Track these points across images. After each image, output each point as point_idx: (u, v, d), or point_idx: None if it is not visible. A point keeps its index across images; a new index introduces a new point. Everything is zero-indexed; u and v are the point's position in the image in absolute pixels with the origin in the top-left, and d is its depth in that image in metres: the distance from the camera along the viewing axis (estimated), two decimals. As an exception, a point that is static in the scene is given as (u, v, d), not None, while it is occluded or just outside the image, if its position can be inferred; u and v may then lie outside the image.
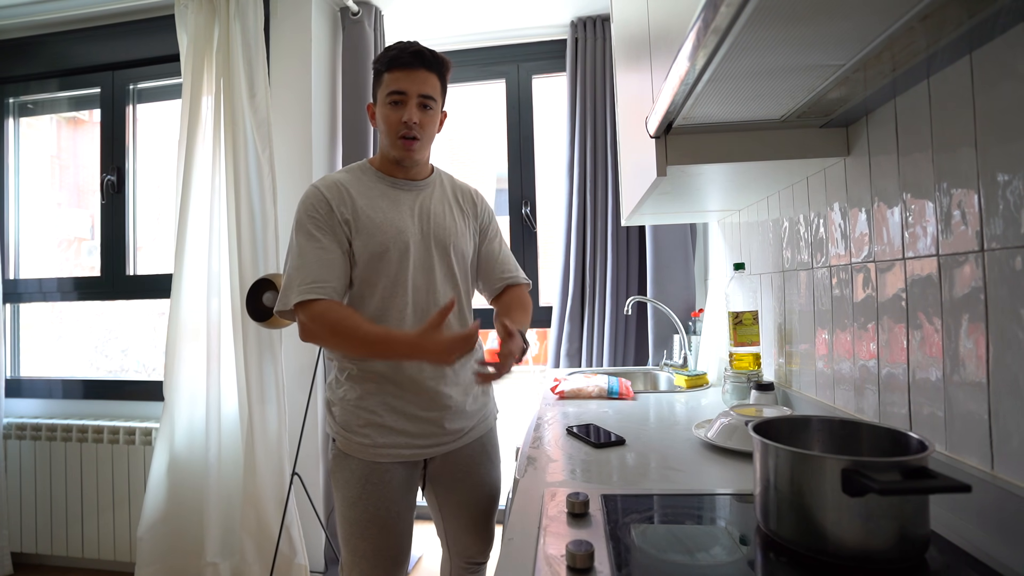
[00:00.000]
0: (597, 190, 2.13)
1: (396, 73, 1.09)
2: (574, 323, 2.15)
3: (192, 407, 1.97)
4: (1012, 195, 0.58)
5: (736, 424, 1.01)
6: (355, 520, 1.09)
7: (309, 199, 1.11)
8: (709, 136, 0.90)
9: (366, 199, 1.12)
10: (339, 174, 1.17)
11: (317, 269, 1.05)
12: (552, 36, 2.32)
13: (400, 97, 1.09)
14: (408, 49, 1.10)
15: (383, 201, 1.13)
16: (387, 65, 1.10)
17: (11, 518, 2.21)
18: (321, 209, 1.09)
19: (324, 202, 1.10)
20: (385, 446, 1.09)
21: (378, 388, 1.10)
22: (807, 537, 0.58)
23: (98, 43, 2.26)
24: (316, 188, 1.12)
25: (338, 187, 1.12)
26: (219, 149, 1.97)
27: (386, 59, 1.11)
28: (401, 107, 1.10)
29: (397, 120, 1.10)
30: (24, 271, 2.48)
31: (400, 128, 1.10)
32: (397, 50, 1.10)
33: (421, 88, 1.10)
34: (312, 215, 1.09)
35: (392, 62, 1.10)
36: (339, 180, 1.14)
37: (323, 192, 1.11)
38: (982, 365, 0.63)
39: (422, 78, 1.10)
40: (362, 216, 1.09)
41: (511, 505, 0.82)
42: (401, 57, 1.09)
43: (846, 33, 0.56)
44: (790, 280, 1.22)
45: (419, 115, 1.11)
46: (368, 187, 1.14)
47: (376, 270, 1.09)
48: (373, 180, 1.16)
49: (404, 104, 1.10)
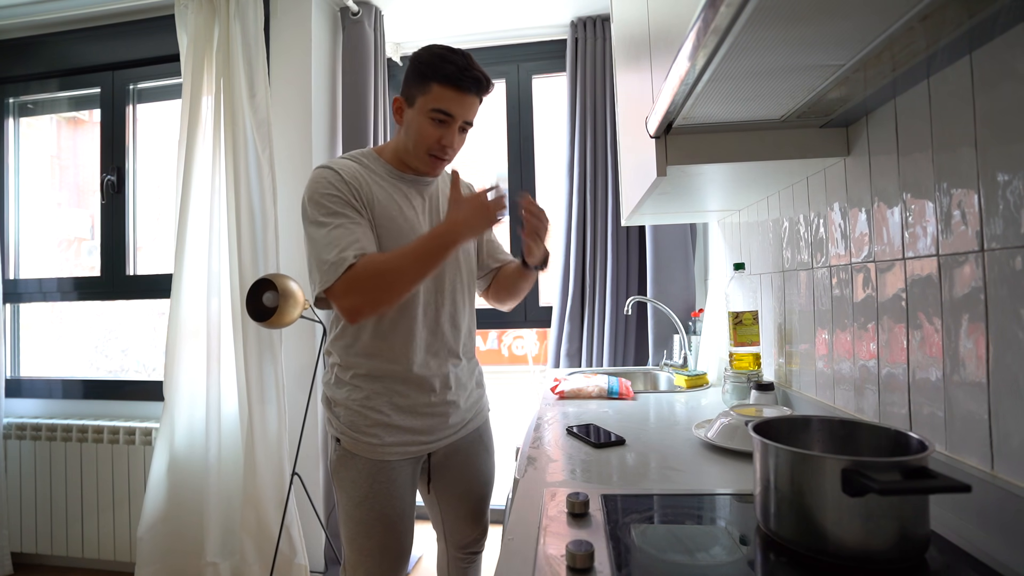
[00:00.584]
0: (597, 190, 2.13)
1: (449, 91, 1.02)
2: (574, 323, 2.15)
3: (192, 407, 1.97)
4: (1012, 195, 0.58)
5: (736, 424, 1.01)
6: (361, 519, 1.08)
7: (324, 178, 1.03)
8: (709, 136, 0.90)
9: (381, 191, 1.08)
10: (348, 160, 1.10)
11: (347, 239, 0.98)
12: (552, 36, 2.32)
13: (445, 118, 1.04)
14: (469, 71, 1.02)
15: (397, 196, 1.10)
16: (442, 79, 1.02)
17: (11, 518, 2.21)
18: (340, 187, 1.02)
19: (342, 181, 1.03)
20: (393, 444, 1.09)
21: (385, 388, 1.09)
22: (807, 537, 0.58)
23: (98, 43, 2.26)
24: (330, 168, 1.05)
25: (353, 172, 1.06)
26: (219, 149, 1.97)
27: (442, 72, 1.01)
28: (443, 127, 1.05)
29: (435, 139, 1.06)
30: (24, 271, 2.48)
31: (435, 148, 1.07)
32: (456, 67, 1.01)
33: (467, 115, 1.06)
34: (331, 192, 1.02)
35: (448, 80, 1.01)
36: (352, 166, 1.08)
37: (340, 172, 1.04)
38: (982, 365, 0.63)
39: (471, 104, 1.06)
40: (378, 208, 1.06)
41: (511, 505, 0.82)
42: (461, 79, 1.01)
43: (846, 33, 0.56)
44: (790, 280, 1.22)
45: (458, 140, 1.09)
46: (381, 179, 1.10)
47: None
48: (384, 173, 1.12)
49: (447, 125, 1.05)
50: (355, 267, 0.95)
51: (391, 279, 0.96)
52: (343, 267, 0.95)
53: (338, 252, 0.96)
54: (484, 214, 1.02)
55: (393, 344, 1.09)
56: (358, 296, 0.96)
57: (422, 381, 1.11)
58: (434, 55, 1.03)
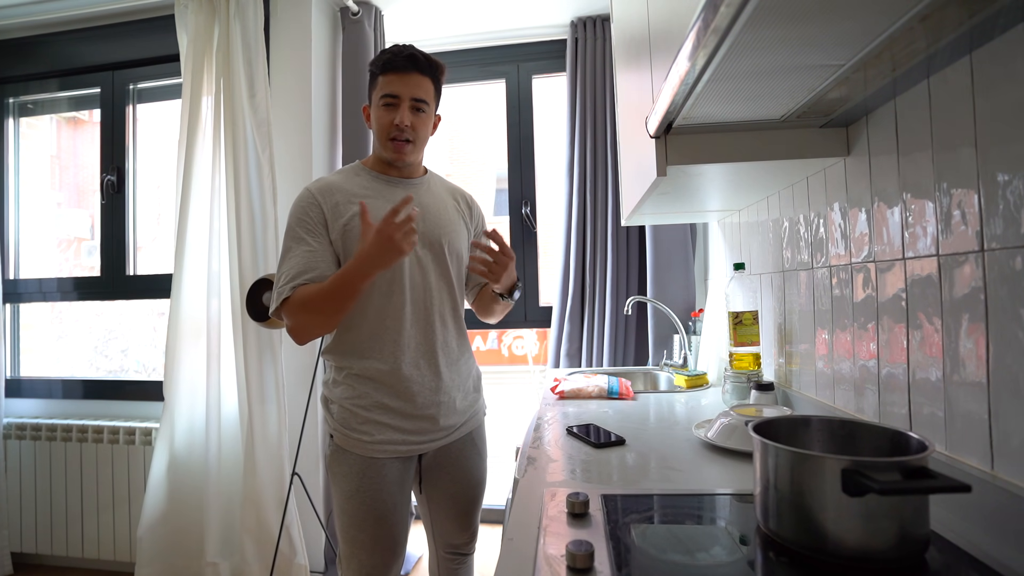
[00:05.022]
0: (597, 190, 2.13)
1: (390, 76, 1.11)
2: (574, 323, 2.15)
3: (192, 407, 1.97)
4: (1012, 195, 0.58)
5: (736, 424, 1.01)
6: (353, 512, 1.11)
7: (299, 202, 1.13)
8: (709, 136, 0.90)
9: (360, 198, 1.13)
10: (332, 176, 1.18)
11: (300, 267, 1.07)
12: (552, 36, 2.32)
13: (393, 100, 1.12)
14: (402, 53, 1.11)
15: (378, 200, 1.14)
16: (381, 68, 1.12)
17: (11, 518, 2.21)
18: (312, 212, 1.11)
19: (315, 204, 1.12)
20: (382, 442, 1.11)
21: (376, 388, 1.11)
22: (807, 537, 0.58)
23: (98, 43, 2.26)
24: (307, 191, 1.14)
25: (330, 189, 1.14)
26: (219, 149, 1.97)
27: (380, 62, 1.13)
28: (393, 110, 1.12)
29: (389, 122, 1.12)
30: (24, 271, 2.48)
31: (391, 130, 1.12)
32: (391, 54, 1.12)
33: (414, 92, 1.12)
34: (301, 217, 1.11)
35: (386, 65, 1.12)
36: (332, 182, 1.16)
37: (314, 194, 1.13)
38: (982, 365, 0.63)
39: (415, 82, 1.11)
40: (354, 218, 1.10)
41: (511, 505, 0.82)
42: (395, 61, 1.11)
43: (846, 33, 0.56)
44: (790, 280, 1.22)
45: (411, 118, 1.12)
46: (363, 187, 1.16)
47: None
48: (367, 180, 1.17)
49: (397, 107, 1.12)
50: (291, 299, 1.06)
51: (313, 313, 1.05)
52: (282, 297, 1.06)
53: (285, 281, 1.07)
54: (389, 245, 0.98)
55: (383, 345, 1.12)
56: (291, 323, 1.07)
57: (411, 382, 1.12)
58: (378, 55, 1.15)
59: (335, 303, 1.03)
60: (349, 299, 1.03)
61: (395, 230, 0.98)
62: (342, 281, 1.02)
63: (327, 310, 1.04)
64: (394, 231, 0.98)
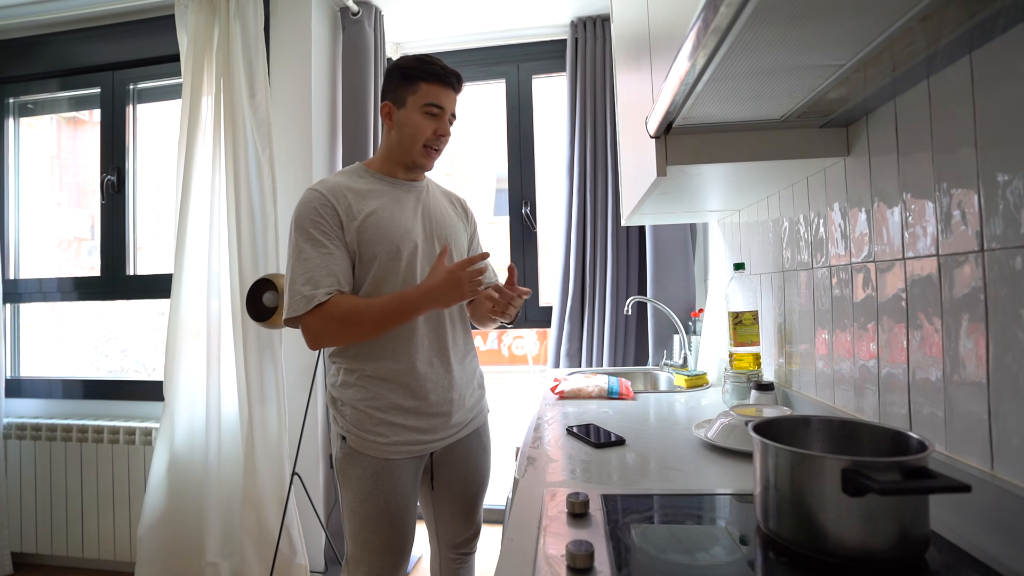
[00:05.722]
0: (597, 190, 2.13)
1: (437, 88, 1.14)
2: (574, 323, 2.15)
3: (192, 407, 1.97)
4: (1012, 195, 0.58)
5: (736, 424, 1.01)
6: (366, 515, 1.10)
7: (311, 202, 1.10)
8: (709, 136, 0.90)
9: (372, 202, 1.13)
10: (337, 177, 1.17)
11: (322, 272, 1.05)
12: (552, 36, 2.32)
13: (438, 111, 1.15)
14: (451, 71, 1.16)
15: (387, 201, 1.14)
16: (429, 77, 1.13)
17: (11, 518, 2.21)
18: (325, 212, 1.09)
19: (328, 205, 1.09)
20: (398, 443, 1.11)
21: (391, 389, 1.11)
22: (807, 537, 0.58)
23: (98, 43, 2.26)
24: (317, 192, 1.11)
25: (340, 190, 1.12)
26: (219, 149, 1.97)
27: (428, 71, 1.13)
28: (436, 120, 1.15)
29: (431, 130, 1.14)
30: (24, 271, 2.48)
31: (432, 139, 1.15)
32: (439, 67, 1.14)
33: (454, 108, 1.18)
34: (315, 219, 1.08)
35: (435, 76, 1.13)
36: (340, 183, 1.14)
37: (326, 195, 1.10)
38: (982, 365, 0.63)
39: (455, 99, 1.18)
40: (369, 219, 1.10)
41: (511, 505, 0.82)
42: (445, 75, 1.14)
43: (846, 33, 0.56)
44: (790, 280, 1.22)
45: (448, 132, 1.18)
46: (369, 189, 1.15)
47: (387, 270, 1.10)
48: (373, 182, 1.17)
49: (440, 118, 1.15)
50: (325, 305, 1.04)
51: (354, 326, 1.05)
52: (313, 303, 1.03)
53: (312, 288, 1.04)
54: (457, 289, 1.03)
55: (397, 345, 1.12)
56: (321, 331, 1.06)
57: (426, 380, 1.13)
58: (418, 59, 1.15)
59: (383, 324, 1.05)
60: (399, 324, 1.07)
61: (467, 277, 1.03)
62: (399, 306, 1.04)
63: (371, 329, 1.06)
64: (466, 278, 1.03)
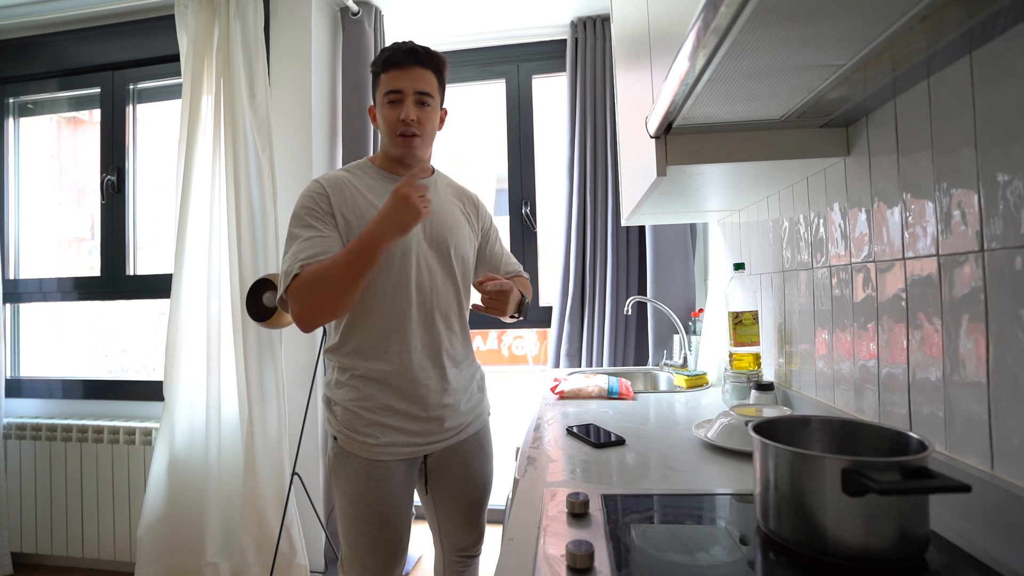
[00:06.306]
0: (597, 190, 2.13)
1: (392, 72, 1.11)
2: (574, 323, 2.15)
3: (192, 407, 1.97)
4: (1012, 195, 0.58)
5: (736, 424, 1.01)
6: (356, 516, 1.10)
7: (310, 192, 1.10)
8: (709, 136, 0.90)
9: (368, 197, 1.12)
10: (341, 171, 1.17)
11: (307, 252, 1.03)
12: (552, 36, 2.32)
13: (397, 96, 1.11)
14: (402, 48, 1.11)
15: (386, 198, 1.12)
16: (383, 66, 1.12)
17: (11, 518, 2.21)
18: (321, 203, 1.09)
19: (325, 196, 1.10)
20: (388, 444, 1.10)
21: (381, 390, 1.10)
22: (807, 537, 0.58)
23: (98, 43, 2.26)
24: (318, 183, 1.12)
25: (340, 183, 1.12)
26: (219, 149, 1.97)
27: (381, 60, 1.12)
28: (398, 105, 1.11)
29: (395, 118, 1.11)
30: (24, 271, 2.48)
31: (398, 126, 1.11)
32: (391, 50, 1.12)
33: (417, 85, 1.11)
34: (310, 206, 1.09)
35: (387, 62, 1.11)
36: (341, 177, 1.14)
37: (325, 187, 1.11)
38: (982, 365, 0.63)
39: (418, 75, 1.11)
40: (365, 215, 1.09)
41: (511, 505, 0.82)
42: (395, 56, 1.10)
43: (846, 33, 0.56)
44: (790, 280, 1.22)
45: (417, 112, 1.11)
46: (370, 185, 1.15)
47: (380, 268, 1.09)
48: (375, 178, 1.16)
49: (401, 102, 1.11)
50: (299, 276, 1.01)
51: (325, 286, 0.99)
52: (290, 277, 1.01)
53: (291, 263, 1.02)
54: (407, 205, 0.97)
55: (389, 346, 1.10)
56: (298, 303, 1.01)
57: (418, 384, 1.11)
58: (378, 54, 1.14)
59: (349, 271, 0.98)
60: (364, 270, 0.99)
61: (413, 191, 0.98)
62: (357, 245, 0.99)
63: (339, 281, 0.99)
64: (412, 192, 0.98)
